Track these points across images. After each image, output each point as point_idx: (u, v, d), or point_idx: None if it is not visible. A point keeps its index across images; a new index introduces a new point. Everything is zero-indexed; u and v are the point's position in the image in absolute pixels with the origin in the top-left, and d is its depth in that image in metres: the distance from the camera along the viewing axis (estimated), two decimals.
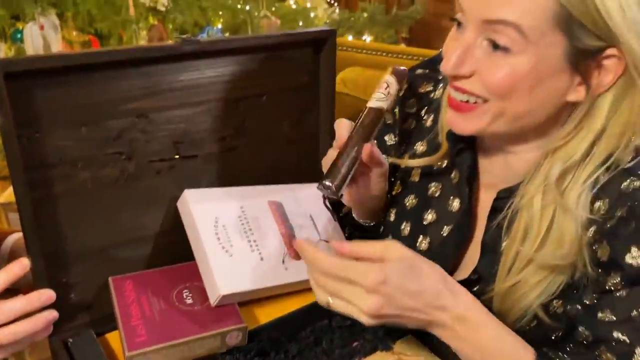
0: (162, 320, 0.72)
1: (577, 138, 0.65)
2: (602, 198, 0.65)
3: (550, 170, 0.66)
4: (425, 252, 0.83)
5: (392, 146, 0.92)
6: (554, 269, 0.68)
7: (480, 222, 0.78)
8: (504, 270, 0.71)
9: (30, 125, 0.69)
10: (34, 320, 0.68)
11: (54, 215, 0.73)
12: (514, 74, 0.62)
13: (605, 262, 0.64)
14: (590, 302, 0.66)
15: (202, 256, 0.77)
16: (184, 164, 0.82)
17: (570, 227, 0.65)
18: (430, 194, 0.84)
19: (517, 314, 0.70)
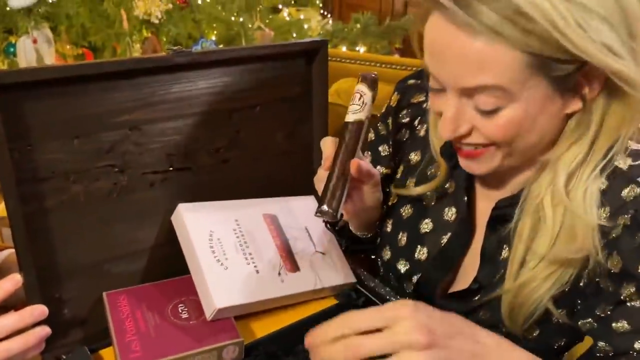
0: (157, 335, 0.71)
1: (577, 143, 0.66)
2: (603, 205, 0.66)
3: (556, 178, 0.66)
4: (424, 262, 0.83)
5: (386, 157, 0.92)
6: (565, 262, 0.67)
7: (478, 231, 0.78)
8: (512, 270, 0.71)
9: (22, 138, 0.68)
10: (26, 336, 0.67)
11: (46, 229, 0.72)
12: (509, 124, 0.63)
13: (617, 273, 0.64)
14: (604, 314, 0.66)
15: (197, 270, 0.76)
16: (177, 176, 0.82)
17: (580, 222, 0.65)
18: (425, 203, 0.83)
19: (529, 309, 0.70)
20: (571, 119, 0.66)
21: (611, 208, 0.65)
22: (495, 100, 0.61)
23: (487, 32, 0.58)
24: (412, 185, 0.85)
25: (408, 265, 0.84)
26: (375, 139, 0.94)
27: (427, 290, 0.82)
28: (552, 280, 0.68)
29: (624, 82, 0.60)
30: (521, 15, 0.56)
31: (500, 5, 0.57)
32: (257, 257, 0.81)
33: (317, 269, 0.84)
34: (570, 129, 0.66)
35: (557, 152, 0.66)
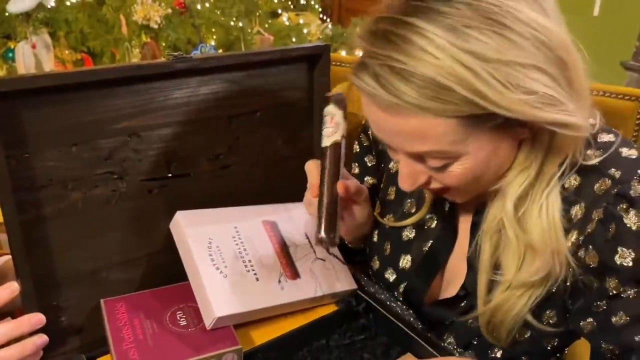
0: (155, 343, 0.70)
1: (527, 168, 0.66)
2: (578, 202, 0.66)
3: (506, 204, 0.66)
4: (408, 270, 0.83)
5: (372, 167, 0.93)
6: (534, 284, 0.68)
7: (463, 237, 0.78)
8: (482, 292, 0.71)
9: (20, 146, 0.67)
10: (23, 344, 0.66)
11: (44, 237, 0.72)
12: (463, 174, 0.64)
13: (596, 267, 0.65)
14: (601, 310, 0.66)
15: (196, 278, 0.75)
16: (176, 182, 0.81)
17: (537, 245, 0.66)
18: (406, 210, 0.84)
19: (510, 325, 0.70)
20: (523, 145, 0.65)
21: (586, 203, 0.66)
22: (442, 160, 0.63)
23: (413, 109, 0.58)
24: (393, 194, 0.87)
25: (395, 274, 0.85)
26: (360, 150, 0.95)
27: (415, 298, 0.82)
28: (526, 297, 0.69)
29: (560, 128, 0.59)
30: (440, 88, 0.56)
31: (418, 81, 0.56)
32: (257, 264, 0.80)
33: (317, 275, 0.83)
34: (522, 155, 0.66)
35: (507, 180, 0.67)
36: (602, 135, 0.68)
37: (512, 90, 0.56)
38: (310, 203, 0.80)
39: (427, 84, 0.56)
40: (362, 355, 0.77)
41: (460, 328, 0.77)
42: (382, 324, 0.80)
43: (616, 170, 0.65)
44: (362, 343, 0.79)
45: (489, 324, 0.72)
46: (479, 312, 0.72)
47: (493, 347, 0.76)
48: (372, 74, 0.59)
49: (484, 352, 0.77)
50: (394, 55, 0.57)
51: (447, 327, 0.79)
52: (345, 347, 0.78)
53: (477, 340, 0.76)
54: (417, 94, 0.57)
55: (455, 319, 0.77)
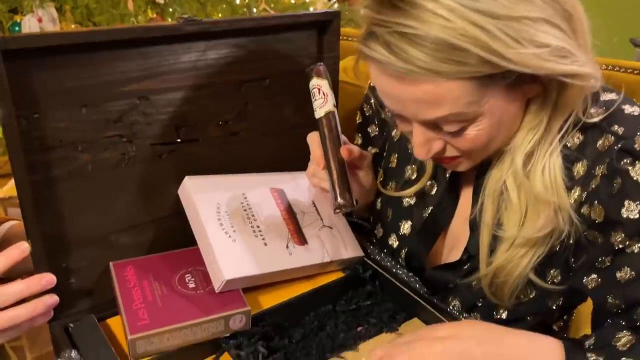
0: (165, 304, 0.71)
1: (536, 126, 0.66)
2: (580, 160, 0.66)
3: (515, 159, 0.67)
4: (409, 236, 0.83)
5: (376, 137, 0.93)
6: (536, 242, 0.68)
7: (465, 202, 0.78)
8: (484, 253, 0.72)
9: (29, 106, 0.67)
10: (34, 304, 0.67)
11: (54, 198, 0.72)
12: (479, 136, 0.64)
13: (601, 222, 0.65)
14: (604, 266, 0.66)
15: (205, 242, 0.76)
16: (185, 148, 0.81)
17: (541, 199, 0.66)
18: (407, 177, 0.84)
19: (512, 286, 0.71)
20: (531, 104, 0.66)
21: (588, 160, 0.66)
22: (459, 123, 0.62)
23: (427, 74, 0.58)
24: (395, 161, 0.87)
25: (397, 240, 0.85)
26: (363, 121, 0.95)
27: (416, 262, 0.83)
28: (529, 257, 0.69)
29: (573, 79, 0.60)
30: (453, 49, 0.56)
31: (431, 45, 0.56)
32: (265, 230, 0.80)
33: (325, 242, 0.83)
34: (531, 114, 0.66)
35: (517, 140, 0.67)
36: (604, 94, 0.68)
37: (525, 45, 0.56)
38: (314, 174, 0.81)
39: (439, 47, 0.56)
40: (368, 320, 0.77)
41: (464, 291, 0.78)
42: (388, 290, 0.81)
43: (619, 126, 0.65)
44: (368, 309, 0.80)
45: (491, 285, 0.72)
46: (482, 274, 0.72)
47: (498, 309, 0.76)
48: (382, 42, 0.59)
49: (489, 314, 0.77)
50: (403, 21, 0.57)
51: (451, 290, 0.79)
52: (351, 313, 0.79)
53: (481, 302, 0.77)
54: (431, 58, 0.57)
55: (459, 281, 0.77)
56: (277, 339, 0.73)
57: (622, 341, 0.61)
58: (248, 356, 0.68)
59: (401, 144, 0.86)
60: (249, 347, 0.70)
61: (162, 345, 0.68)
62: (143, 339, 0.66)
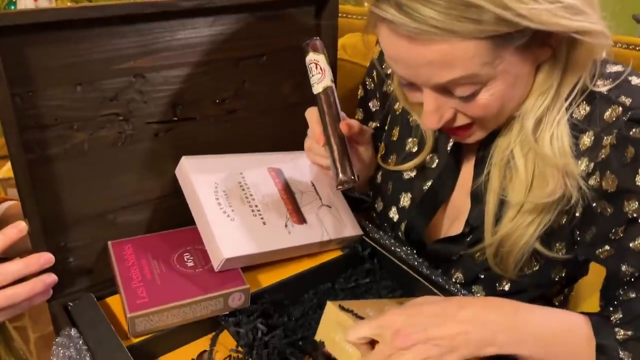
0: (164, 283, 0.71)
1: (545, 91, 0.65)
2: (587, 131, 0.66)
3: (525, 124, 0.66)
4: (408, 209, 0.83)
5: (377, 112, 0.92)
6: (543, 209, 0.68)
7: (466, 174, 0.78)
8: (489, 223, 0.71)
9: (23, 84, 0.66)
10: (33, 283, 0.67)
11: (50, 177, 0.71)
12: (491, 102, 0.63)
13: (614, 192, 0.64)
14: (619, 237, 0.66)
15: (203, 222, 0.75)
16: (182, 126, 0.80)
17: (550, 166, 0.66)
18: (408, 149, 0.84)
19: (517, 256, 0.71)
20: (541, 69, 0.65)
21: (595, 131, 0.65)
22: (471, 87, 0.61)
23: (441, 34, 0.57)
24: (396, 134, 0.87)
25: (397, 213, 0.85)
26: (364, 95, 0.94)
27: (415, 235, 0.83)
28: (535, 225, 0.69)
29: (585, 36, 0.59)
30: (467, 7, 0.55)
31: (444, 3, 0.55)
32: (264, 209, 0.80)
33: (323, 221, 0.83)
34: (541, 80, 0.65)
35: (527, 105, 0.66)
36: (610, 66, 0.68)
37: (539, 1, 0.55)
38: (310, 149, 0.80)
39: (453, 5, 0.55)
40: (367, 298, 0.77)
41: (467, 263, 0.78)
42: (387, 267, 0.81)
43: (626, 97, 0.65)
44: (367, 286, 0.80)
45: (496, 255, 0.72)
46: (487, 244, 0.72)
47: (501, 281, 0.76)
48: (394, 3, 0.58)
49: (492, 286, 0.77)
50: None
51: (454, 263, 0.79)
52: (350, 290, 0.79)
53: (484, 275, 0.77)
54: (444, 17, 0.56)
55: (462, 253, 0.77)
56: (277, 317, 0.73)
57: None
58: (247, 333, 0.68)
59: (403, 117, 0.86)
60: (248, 325, 0.70)
61: (162, 323, 0.68)
62: (142, 316, 0.66)
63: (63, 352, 0.65)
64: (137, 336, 0.68)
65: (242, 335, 0.69)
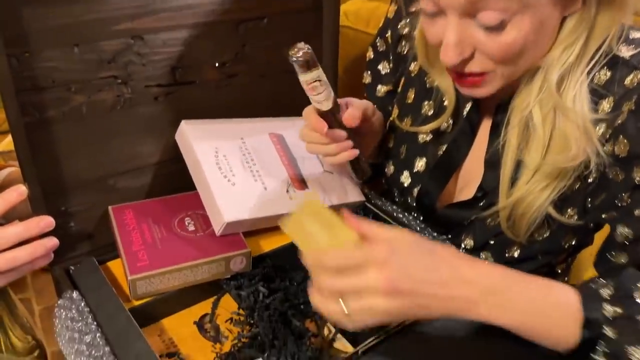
0: (164, 246, 0.70)
1: (571, 45, 0.63)
2: (606, 96, 0.64)
3: (549, 78, 0.64)
4: (423, 174, 0.82)
5: (387, 74, 0.90)
6: (560, 173, 0.66)
7: (481, 140, 0.77)
8: (505, 185, 0.70)
9: (19, 44, 0.65)
10: (34, 246, 0.66)
11: (49, 141, 0.71)
12: (515, 40, 0.60)
13: (625, 157, 0.63)
14: (624, 203, 0.65)
15: (204, 186, 0.75)
16: (181, 90, 0.79)
17: (572, 128, 0.64)
18: (423, 112, 0.82)
19: (530, 219, 0.70)
20: (567, 21, 0.63)
21: (615, 97, 0.64)
22: (500, 14, 0.58)
23: None
24: (412, 96, 0.85)
25: (410, 178, 0.84)
26: (374, 57, 0.92)
27: (428, 201, 0.82)
28: (550, 190, 0.68)
29: None
30: None
31: None
32: (265, 174, 0.79)
33: (325, 187, 0.83)
34: (567, 31, 0.63)
35: (551, 57, 0.64)
36: (634, 32, 0.66)
37: None
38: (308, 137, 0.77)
39: None
40: None
41: (478, 228, 0.77)
42: None
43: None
44: None
45: (509, 219, 0.71)
46: (501, 206, 0.71)
47: (510, 247, 0.76)
48: None
49: (501, 252, 0.77)
50: None
51: (464, 228, 0.79)
52: None
53: (494, 240, 0.76)
54: None
55: (473, 218, 0.76)
56: (278, 281, 0.73)
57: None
58: (249, 296, 0.68)
59: (420, 79, 0.84)
60: (249, 288, 0.70)
61: (163, 286, 0.68)
62: (143, 279, 0.66)
63: (65, 314, 0.65)
64: (138, 299, 0.68)
65: (243, 298, 0.69)
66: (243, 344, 0.64)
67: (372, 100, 0.95)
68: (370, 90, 0.95)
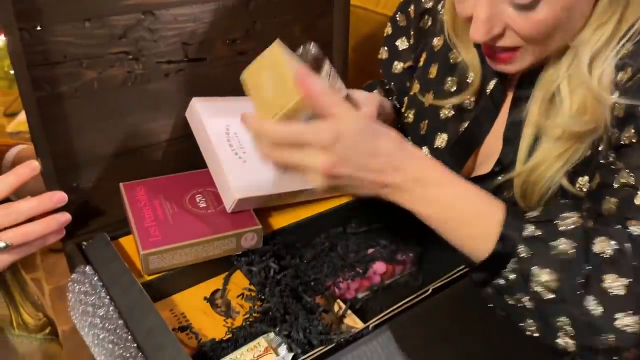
0: (176, 222, 0.71)
1: (604, 24, 0.62)
2: (626, 68, 0.62)
3: (580, 57, 0.63)
4: (443, 150, 0.82)
5: (406, 50, 0.89)
6: (576, 138, 0.65)
7: (502, 116, 0.76)
8: (523, 152, 0.69)
9: (32, 18, 0.65)
10: (47, 221, 0.67)
11: (61, 116, 0.71)
12: (547, 18, 0.59)
13: (621, 117, 0.61)
14: (605, 160, 0.63)
15: (215, 163, 0.75)
16: (192, 67, 0.79)
17: (594, 100, 0.63)
18: (446, 88, 0.81)
19: (542, 188, 0.69)
20: (599, 2, 0.61)
21: (633, 68, 0.62)
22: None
23: None
24: (434, 72, 0.84)
25: (429, 154, 0.83)
26: (393, 32, 0.91)
27: None
28: (564, 158, 0.67)
29: None
30: None
31: None
32: None
33: None
34: (601, 10, 0.62)
35: (583, 36, 0.63)
36: None
37: None
38: None
39: None
40: (378, 241, 0.77)
41: None
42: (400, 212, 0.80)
43: None
44: (378, 232, 0.80)
45: (523, 185, 0.70)
46: (516, 172, 0.70)
47: None
48: None
49: None
50: None
51: None
52: (362, 234, 0.79)
53: None
54: None
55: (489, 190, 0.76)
56: (289, 258, 0.73)
57: (566, 221, 0.56)
58: (260, 272, 0.69)
59: (444, 55, 0.82)
60: (260, 264, 0.70)
61: (174, 261, 0.68)
62: (155, 254, 0.66)
63: (78, 288, 0.66)
64: (150, 274, 0.68)
65: (254, 274, 0.69)
66: (255, 318, 0.65)
67: (387, 77, 0.94)
68: (386, 66, 0.94)
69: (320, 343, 0.60)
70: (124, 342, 0.58)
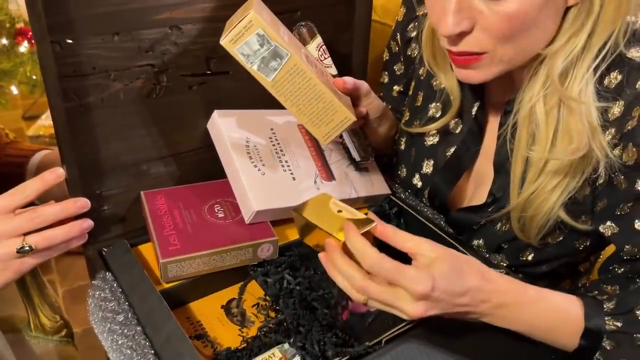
0: (195, 231, 0.72)
1: (575, 36, 0.63)
2: (617, 100, 0.63)
3: (552, 70, 0.63)
4: (430, 175, 0.83)
5: (401, 75, 0.92)
6: (568, 169, 0.66)
7: (490, 142, 0.77)
8: (515, 184, 0.70)
9: (63, 31, 0.67)
10: (70, 226, 0.69)
11: (88, 126, 0.73)
12: (516, 15, 0.59)
13: (631, 166, 0.63)
14: (623, 212, 0.65)
15: (234, 175, 0.77)
16: (215, 80, 0.81)
17: (576, 121, 0.64)
18: (430, 115, 0.83)
19: (540, 221, 0.70)
20: (572, 10, 0.62)
21: (626, 101, 0.63)
22: None
23: None
24: (420, 99, 0.86)
25: (420, 180, 0.85)
26: (390, 58, 0.94)
27: (439, 201, 0.83)
28: (560, 190, 0.68)
29: None
30: None
31: None
32: (293, 164, 0.81)
33: (352, 179, 0.84)
34: (570, 20, 0.62)
35: (555, 46, 0.63)
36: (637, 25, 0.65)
37: None
38: None
39: None
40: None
41: (489, 233, 0.78)
42: (413, 226, 0.82)
43: None
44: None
45: (520, 220, 0.71)
46: (512, 206, 0.71)
47: (524, 251, 0.76)
48: None
49: (515, 256, 0.77)
50: None
51: (475, 232, 0.79)
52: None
53: (507, 245, 0.77)
54: None
55: (484, 222, 0.77)
56: (303, 270, 0.74)
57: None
58: (275, 283, 0.70)
59: (427, 82, 0.85)
60: (275, 275, 0.71)
61: (192, 270, 0.70)
62: (174, 262, 0.68)
63: (99, 294, 0.67)
64: (168, 282, 0.70)
65: (269, 285, 0.70)
66: (269, 329, 0.66)
67: (388, 100, 0.96)
68: (387, 90, 0.97)
69: (335, 355, 0.61)
70: (142, 349, 0.60)
